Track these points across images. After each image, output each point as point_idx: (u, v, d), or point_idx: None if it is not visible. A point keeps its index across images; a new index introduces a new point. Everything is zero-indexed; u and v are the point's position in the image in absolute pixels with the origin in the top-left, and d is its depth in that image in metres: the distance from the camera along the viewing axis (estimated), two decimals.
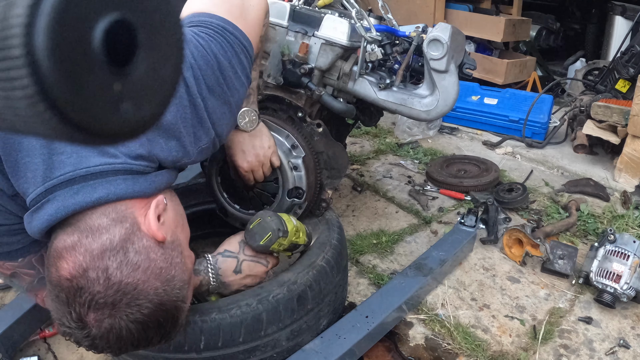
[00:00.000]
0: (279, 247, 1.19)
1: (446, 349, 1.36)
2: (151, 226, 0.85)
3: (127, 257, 0.80)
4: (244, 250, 1.19)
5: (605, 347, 1.37)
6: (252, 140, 1.26)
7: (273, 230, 1.15)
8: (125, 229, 0.82)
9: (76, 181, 0.83)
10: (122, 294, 0.77)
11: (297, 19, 1.47)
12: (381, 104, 1.48)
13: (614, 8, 3.65)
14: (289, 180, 1.38)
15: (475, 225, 1.75)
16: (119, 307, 0.77)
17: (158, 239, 0.85)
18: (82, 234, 0.80)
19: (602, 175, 2.38)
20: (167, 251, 0.86)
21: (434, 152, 2.63)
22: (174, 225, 0.92)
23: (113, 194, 0.84)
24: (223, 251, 1.19)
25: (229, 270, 1.17)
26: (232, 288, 1.19)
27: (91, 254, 0.78)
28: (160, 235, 0.85)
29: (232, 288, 1.19)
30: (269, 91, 1.48)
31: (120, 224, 0.82)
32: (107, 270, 0.77)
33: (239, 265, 1.17)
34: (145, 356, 1.11)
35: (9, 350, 1.31)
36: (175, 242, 0.90)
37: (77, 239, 0.80)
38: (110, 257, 0.78)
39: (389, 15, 1.59)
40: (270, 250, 1.19)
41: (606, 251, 1.54)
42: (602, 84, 3.05)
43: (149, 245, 0.83)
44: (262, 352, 1.14)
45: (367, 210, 2.05)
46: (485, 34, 3.48)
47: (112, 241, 0.80)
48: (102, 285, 0.76)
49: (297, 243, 1.25)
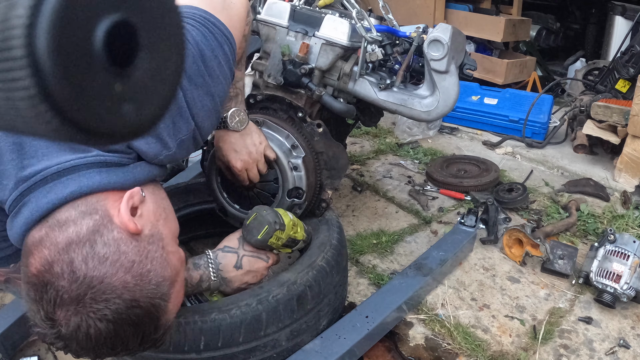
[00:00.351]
0: (277, 241, 1.19)
1: (446, 349, 1.36)
2: (122, 217, 0.80)
3: (94, 250, 0.75)
4: (243, 246, 1.19)
5: (605, 347, 1.37)
6: (244, 139, 1.26)
7: (269, 223, 1.15)
8: (94, 221, 0.78)
9: (48, 180, 0.81)
10: (87, 288, 0.73)
11: (298, 19, 1.47)
12: (381, 104, 1.48)
13: (614, 8, 3.65)
14: (288, 181, 1.38)
15: (475, 225, 1.75)
16: (85, 303, 0.73)
17: (130, 230, 0.80)
18: (50, 229, 0.77)
19: (602, 175, 2.38)
20: (142, 244, 0.81)
21: (434, 152, 2.63)
22: (154, 219, 0.87)
23: (86, 187, 0.81)
24: (223, 247, 1.19)
25: (229, 265, 1.17)
26: (234, 285, 1.18)
27: (56, 247, 0.75)
28: (133, 226, 0.80)
29: (233, 285, 1.18)
30: (269, 91, 1.48)
31: (89, 216, 0.79)
32: (72, 263, 0.73)
33: (239, 261, 1.17)
34: (146, 356, 1.11)
35: (9, 350, 1.31)
36: (155, 235, 0.84)
37: (45, 233, 0.77)
38: (75, 249, 0.75)
39: (389, 16, 1.59)
40: (269, 246, 1.20)
41: (606, 251, 1.54)
42: (602, 84, 3.05)
43: (119, 237, 0.78)
44: (262, 352, 1.14)
45: (367, 210, 2.05)
46: (485, 34, 3.48)
47: (78, 233, 0.76)
48: (66, 280, 0.73)
49: (296, 238, 1.25)
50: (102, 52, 0.32)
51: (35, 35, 0.28)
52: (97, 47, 0.32)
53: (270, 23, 1.49)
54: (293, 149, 1.39)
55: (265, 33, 1.50)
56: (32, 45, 0.28)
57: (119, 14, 0.33)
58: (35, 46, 0.28)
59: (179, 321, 1.06)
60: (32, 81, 0.29)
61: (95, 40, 0.32)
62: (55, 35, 0.29)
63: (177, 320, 1.06)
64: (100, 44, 0.32)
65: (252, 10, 1.52)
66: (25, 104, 0.29)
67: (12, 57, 0.28)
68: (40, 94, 0.29)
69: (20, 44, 0.28)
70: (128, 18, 0.33)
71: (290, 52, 1.43)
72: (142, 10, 0.34)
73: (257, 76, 1.55)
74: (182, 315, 1.06)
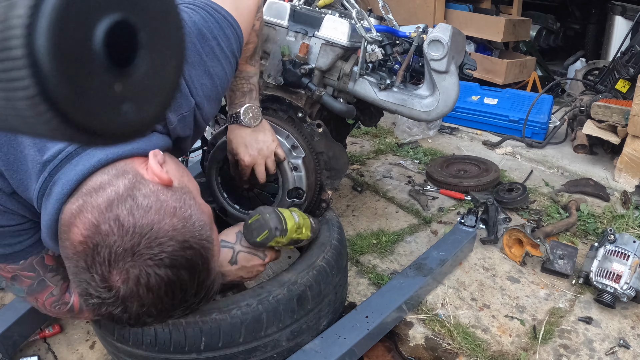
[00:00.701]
0: (277, 244, 1.19)
1: (446, 349, 1.36)
2: (154, 169, 0.82)
3: (136, 202, 0.76)
4: (240, 241, 1.17)
5: (605, 347, 1.37)
6: (256, 135, 1.26)
7: (270, 228, 1.14)
8: (129, 179, 0.79)
9: (73, 155, 0.82)
10: (140, 237, 0.73)
11: (298, 19, 1.47)
12: (381, 104, 1.48)
13: (614, 8, 3.65)
14: (289, 181, 1.38)
15: (475, 225, 1.75)
16: (140, 252, 0.73)
17: (164, 180, 0.81)
18: (86, 196, 0.77)
19: (602, 175, 2.38)
20: (176, 193, 0.82)
21: (434, 152, 2.63)
22: (179, 175, 0.88)
23: (112, 153, 0.82)
24: (220, 241, 1.18)
25: (224, 260, 1.16)
26: (227, 279, 1.17)
27: (99, 209, 0.75)
28: (166, 177, 0.81)
29: (227, 279, 1.17)
30: (269, 91, 1.48)
31: (122, 176, 0.80)
32: (118, 218, 0.74)
33: (234, 256, 1.16)
34: (146, 356, 1.11)
35: (9, 350, 1.31)
36: (184, 188, 0.85)
37: (82, 202, 0.77)
38: (118, 205, 0.75)
39: (389, 16, 1.59)
40: (269, 246, 1.19)
41: (606, 251, 1.54)
42: (602, 84, 3.06)
43: (156, 189, 0.80)
44: (262, 352, 1.14)
45: (367, 210, 2.05)
46: (485, 34, 3.48)
47: (117, 192, 0.77)
48: (116, 235, 0.73)
49: (299, 239, 1.24)
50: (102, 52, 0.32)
51: (35, 35, 0.28)
52: (97, 46, 0.32)
53: (270, 23, 1.49)
54: (293, 149, 1.39)
55: (265, 33, 1.50)
56: (32, 45, 0.28)
57: (119, 13, 0.33)
58: (35, 46, 0.28)
59: (179, 321, 1.06)
60: (31, 81, 0.29)
61: (95, 40, 0.31)
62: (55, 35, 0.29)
63: (178, 320, 1.06)
64: (100, 44, 0.32)
65: None
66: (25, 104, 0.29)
67: (12, 57, 0.28)
68: (40, 94, 0.29)
69: (20, 44, 0.28)
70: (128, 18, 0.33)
71: (290, 52, 1.43)
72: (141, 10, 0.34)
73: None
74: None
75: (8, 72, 0.28)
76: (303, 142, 1.40)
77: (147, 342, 1.07)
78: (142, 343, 1.08)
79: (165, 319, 0.83)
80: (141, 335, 1.07)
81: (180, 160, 2.13)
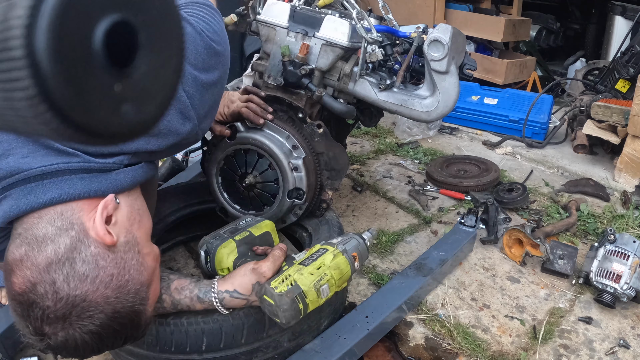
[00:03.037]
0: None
1: (446, 349, 1.36)
2: (98, 231, 0.82)
3: (74, 269, 0.78)
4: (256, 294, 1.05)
5: (605, 347, 1.37)
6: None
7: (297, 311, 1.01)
8: (71, 238, 0.80)
9: (31, 180, 0.83)
10: (72, 307, 0.77)
11: (298, 19, 1.47)
12: (381, 104, 1.48)
13: (614, 8, 3.65)
14: (289, 181, 1.38)
15: (475, 225, 1.75)
16: (70, 320, 0.77)
17: (107, 243, 0.82)
18: (29, 246, 0.79)
19: (602, 175, 2.38)
20: (118, 255, 0.84)
21: (434, 152, 2.63)
22: (129, 224, 0.88)
23: (66, 194, 0.83)
24: (233, 290, 1.04)
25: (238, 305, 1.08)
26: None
27: (37, 268, 0.77)
28: (109, 239, 0.82)
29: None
30: (270, 92, 1.48)
31: (65, 233, 0.81)
32: (54, 284, 0.77)
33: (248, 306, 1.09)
34: (146, 356, 1.11)
35: (9, 350, 1.31)
36: (130, 242, 0.87)
37: (24, 252, 0.79)
38: (56, 270, 0.77)
39: (389, 16, 1.59)
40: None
41: (606, 251, 1.54)
42: (602, 84, 3.06)
43: (97, 253, 0.81)
44: (263, 353, 1.14)
45: (367, 210, 2.05)
46: (485, 34, 3.48)
47: (57, 253, 0.79)
48: (51, 300, 0.76)
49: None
50: (102, 52, 0.32)
51: (34, 35, 0.28)
52: (96, 47, 0.32)
53: (270, 24, 1.49)
54: (293, 149, 1.39)
55: (265, 34, 1.50)
56: (32, 45, 0.28)
57: (119, 14, 0.33)
58: (35, 46, 0.28)
59: (181, 322, 1.06)
60: (31, 81, 0.29)
61: (95, 40, 0.32)
62: (54, 36, 0.29)
63: (180, 321, 1.06)
64: (100, 44, 0.32)
65: (252, 11, 1.52)
66: (25, 104, 0.29)
67: (12, 58, 0.28)
68: (39, 94, 0.29)
69: (19, 44, 0.28)
70: (127, 18, 0.33)
71: (290, 52, 1.43)
72: (141, 10, 0.34)
73: (257, 77, 1.55)
74: (185, 316, 1.06)
75: (8, 72, 0.28)
76: (303, 143, 1.40)
77: (148, 342, 1.07)
78: (143, 343, 1.08)
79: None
80: None
81: (180, 159, 2.13)
